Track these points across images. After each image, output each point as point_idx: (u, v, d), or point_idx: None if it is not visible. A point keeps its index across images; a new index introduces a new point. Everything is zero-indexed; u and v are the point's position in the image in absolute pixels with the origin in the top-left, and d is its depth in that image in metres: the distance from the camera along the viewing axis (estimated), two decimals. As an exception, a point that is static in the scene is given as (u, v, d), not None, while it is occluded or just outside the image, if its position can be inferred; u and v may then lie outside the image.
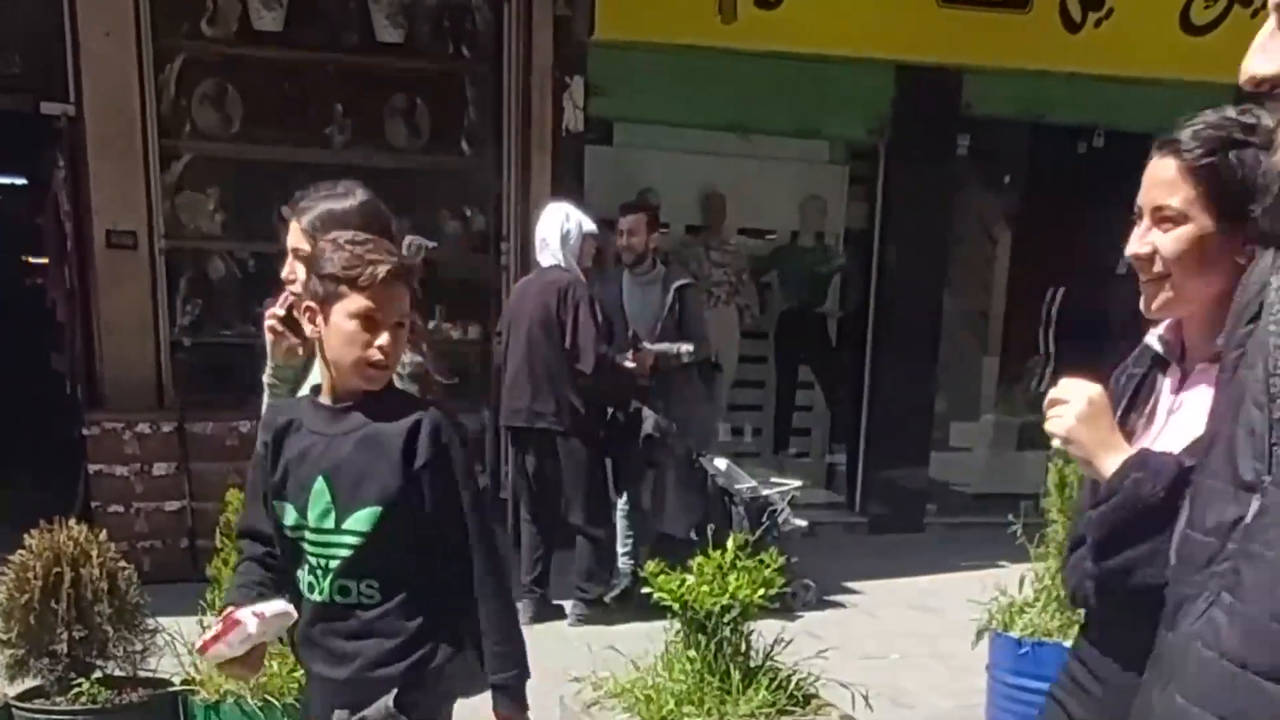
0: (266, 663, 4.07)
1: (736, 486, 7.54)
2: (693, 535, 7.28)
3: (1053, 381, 8.91)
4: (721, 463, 7.62)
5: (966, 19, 8.95)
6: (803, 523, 7.69)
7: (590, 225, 7.35)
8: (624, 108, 9.05)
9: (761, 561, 4.82)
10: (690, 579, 4.71)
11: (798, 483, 7.93)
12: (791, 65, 8.99)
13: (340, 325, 2.70)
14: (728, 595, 4.63)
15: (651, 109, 9.11)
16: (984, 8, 8.99)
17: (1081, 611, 4.89)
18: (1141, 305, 2.31)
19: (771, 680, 4.68)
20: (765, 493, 7.58)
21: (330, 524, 2.77)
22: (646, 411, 7.32)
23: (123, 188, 7.97)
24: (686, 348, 7.59)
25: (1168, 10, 9.23)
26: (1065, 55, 9.16)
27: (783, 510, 7.49)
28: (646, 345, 7.48)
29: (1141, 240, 2.27)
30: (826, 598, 7.83)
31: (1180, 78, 9.32)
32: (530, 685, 2.72)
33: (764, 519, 7.33)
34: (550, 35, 8.53)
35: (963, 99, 9.50)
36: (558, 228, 7.23)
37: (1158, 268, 2.27)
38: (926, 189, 9.52)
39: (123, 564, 4.15)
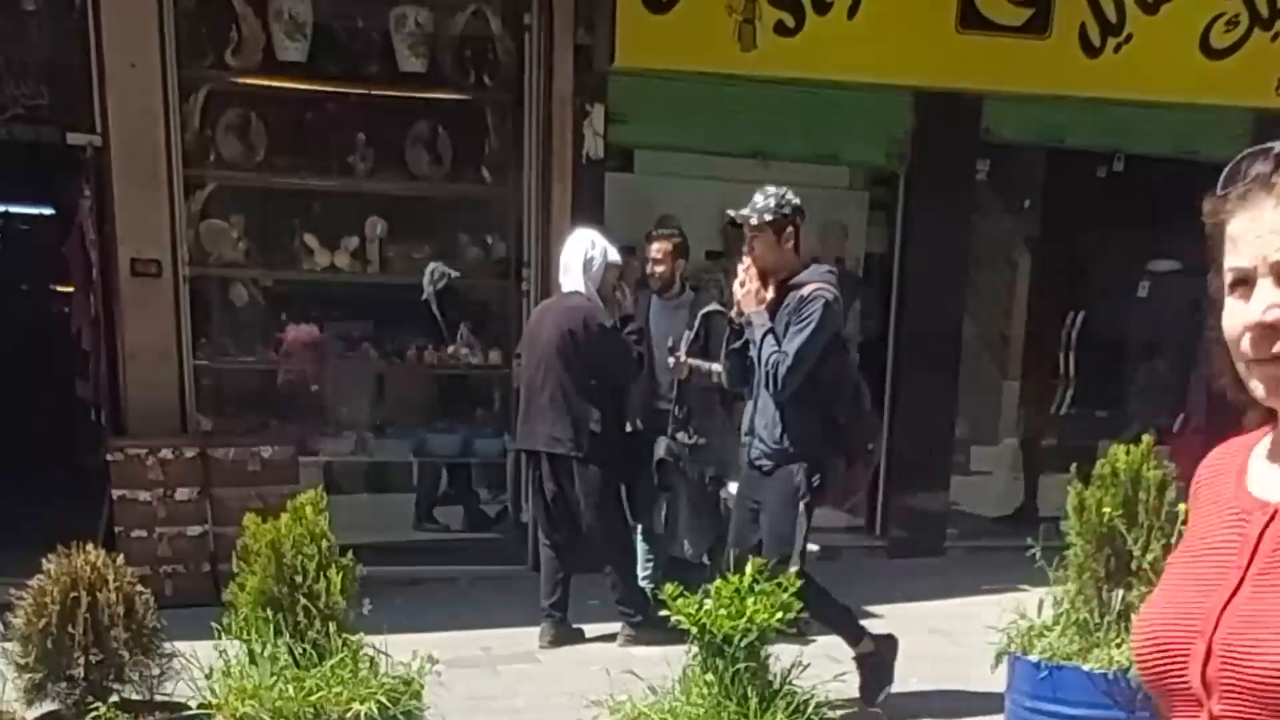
0: (283, 686, 4.12)
1: None
2: (705, 559, 7.30)
3: (1073, 405, 8.90)
4: (734, 486, 7.61)
5: (985, 45, 8.95)
6: (815, 546, 7.67)
7: (615, 255, 7.38)
8: (644, 135, 9.09)
9: (779, 585, 4.82)
10: (708, 603, 4.72)
11: None
12: (810, 92, 9.02)
13: None
14: (745, 619, 4.64)
15: (672, 136, 9.15)
16: (1003, 33, 8.98)
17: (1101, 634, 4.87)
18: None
19: (789, 704, 4.68)
20: None
21: None
22: (660, 437, 7.34)
23: (147, 216, 8.05)
24: (718, 367, 7.60)
25: (1187, 34, 9.22)
26: (1085, 80, 9.15)
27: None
28: (683, 358, 7.46)
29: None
30: (846, 622, 7.80)
31: (1200, 102, 9.35)
32: (549, 708, 2.73)
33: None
34: (571, 64, 8.59)
35: (982, 124, 9.51)
36: (581, 254, 7.26)
37: None
38: (946, 214, 9.51)
39: (140, 588, 4.17)
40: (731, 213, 6.09)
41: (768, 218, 5.89)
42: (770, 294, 5.88)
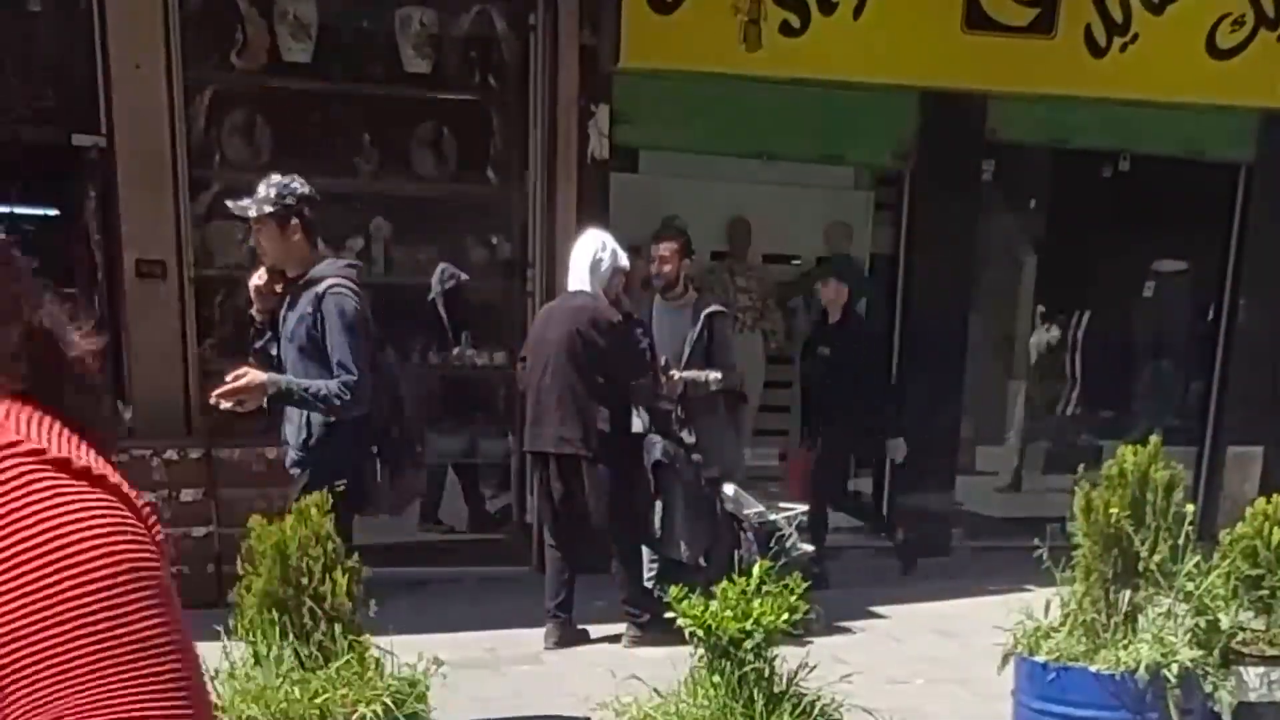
0: (288, 688, 4.11)
1: (745, 512, 7.53)
2: (701, 561, 7.29)
3: (1079, 405, 8.92)
4: (730, 488, 7.61)
5: (991, 44, 8.95)
6: (810, 547, 7.67)
7: (624, 260, 7.36)
8: (649, 135, 9.09)
9: (786, 587, 4.81)
10: (714, 605, 4.71)
11: (804, 507, 7.89)
12: (816, 92, 9.01)
13: None
14: (752, 621, 4.63)
15: (677, 136, 9.15)
16: (1008, 33, 8.98)
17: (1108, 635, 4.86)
18: None
19: (795, 706, 4.67)
20: (772, 518, 7.57)
21: None
22: (654, 438, 7.34)
23: (153, 218, 8.05)
24: (715, 375, 7.60)
25: (1193, 34, 9.22)
26: (1090, 80, 9.15)
27: (789, 535, 7.48)
28: (675, 372, 7.50)
29: None
30: (852, 622, 7.81)
31: (1206, 102, 9.34)
32: (554, 710, 2.70)
33: (772, 544, 7.32)
34: (576, 64, 8.58)
35: (987, 124, 9.50)
36: (590, 254, 7.25)
37: None
38: (951, 214, 9.51)
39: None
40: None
41: (268, 209, 5.45)
42: (279, 288, 5.54)
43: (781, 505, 7.85)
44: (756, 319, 9.82)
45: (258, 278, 5.57)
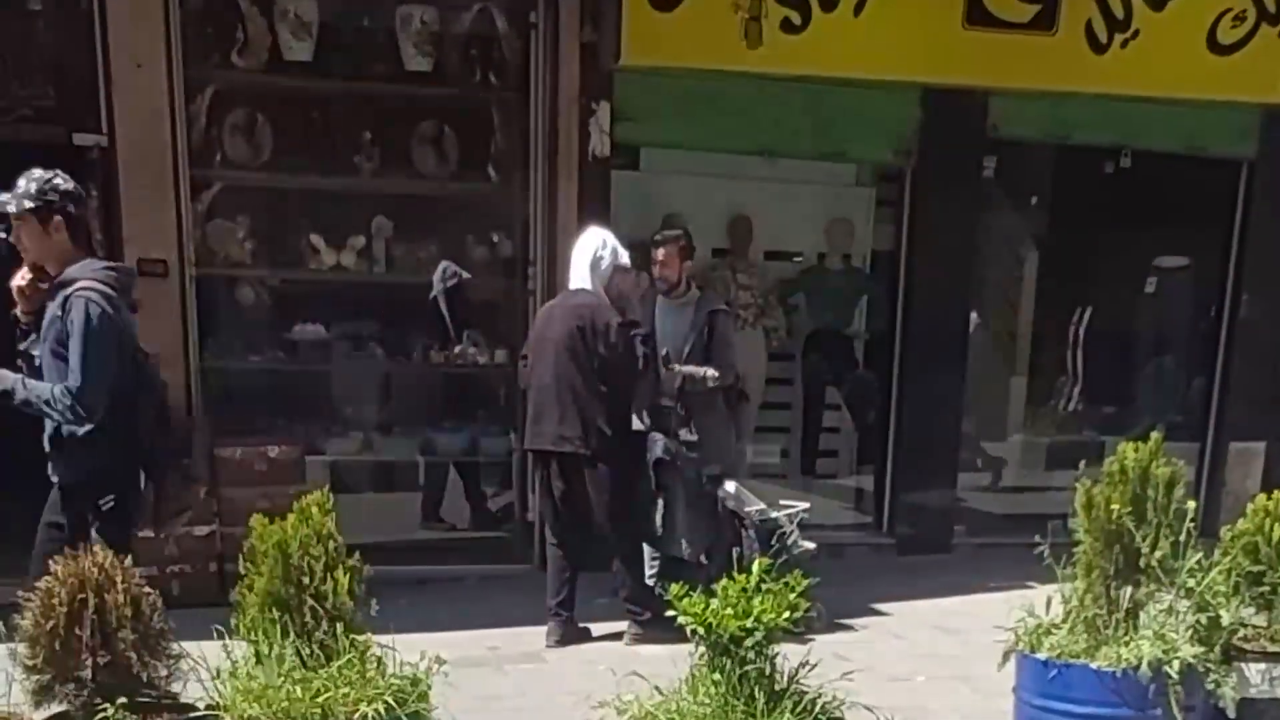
0: (290, 687, 4.11)
1: (746, 509, 7.54)
2: (702, 559, 7.29)
3: (1080, 401, 8.93)
4: (731, 485, 7.61)
5: (992, 41, 8.93)
6: (811, 545, 7.67)
7: (624, 259, 7.37)
8: (650, 133, 9.08)
9: (786, 584, 4.80)
10: (715, 602, 4.71)
11: (806, 505, 7.89)
12: (817, 89, 9.01)
13: None
14: (752, 619, 4.62)
15: (678, 134, 9.14)
16: (1009, 29, 8.96)
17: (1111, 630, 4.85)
18: None
19: (796, 704, 4.65)
20: (774, 515, 7.57)
21: None
22: (656, 435, 7.34)
23: (154, 217, 8.05)
24: (712, 372, 7.61)
25: (1194, 30, 9.20)
26: (1091, 76, 9.13)
27: (791, 533, 7.47)
28: (675, 366, 7.51)
29: None
30: (853, 619, 7.81)
31: (1207, 98, 9.33)
32: (556, 708, 2.70)
33: (773, 541, 7.32)
34: (577, 62, 8.58)
35: (988, 121, 9.49)
36: (591, 252, 7.26)
37: None
38: (952, 211, 9.51)
39: (147, 589, 4.16)
40: None
41: (28, 204, 5.29)
42: (44, 287, 5.37)
43: (783, 502, 7.85)
44: (758, 316, 9.81)
45: (20, 276, 5.43)
